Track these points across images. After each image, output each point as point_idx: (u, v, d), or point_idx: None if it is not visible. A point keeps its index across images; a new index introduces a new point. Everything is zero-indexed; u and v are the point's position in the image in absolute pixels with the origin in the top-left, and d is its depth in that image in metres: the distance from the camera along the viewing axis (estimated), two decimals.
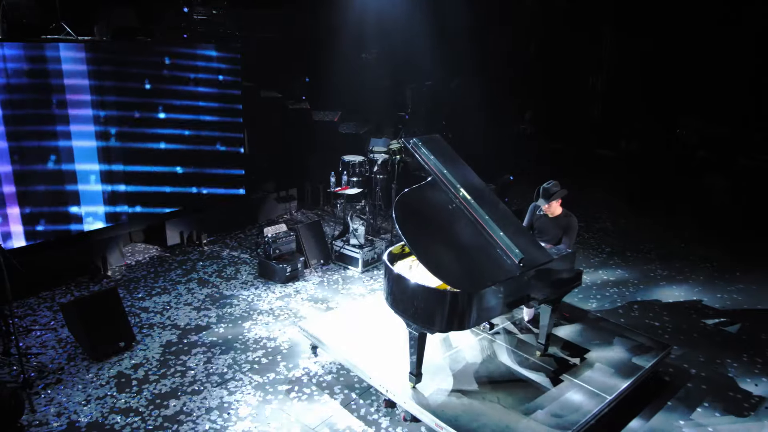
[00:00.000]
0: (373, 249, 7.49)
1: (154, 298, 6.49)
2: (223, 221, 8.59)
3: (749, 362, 5.59)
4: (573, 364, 4.84)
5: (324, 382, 5.07)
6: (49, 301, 6.34)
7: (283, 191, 9.60)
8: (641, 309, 6.65)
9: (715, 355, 5.70)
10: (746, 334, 6.15)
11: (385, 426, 4.53)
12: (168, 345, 5.57)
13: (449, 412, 4.17)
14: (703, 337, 6.06)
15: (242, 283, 6.96)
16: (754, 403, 4.96)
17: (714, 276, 7.61)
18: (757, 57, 10.98)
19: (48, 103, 6.55)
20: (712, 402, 4.96)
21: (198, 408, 4.65)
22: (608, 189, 11.49)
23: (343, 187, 7.80)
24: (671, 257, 8.18)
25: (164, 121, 7.71)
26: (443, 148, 4.83)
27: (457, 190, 4.46)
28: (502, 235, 4.22)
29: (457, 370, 4.72)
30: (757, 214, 9.64)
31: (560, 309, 5.50)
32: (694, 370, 5.44)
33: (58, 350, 5.41)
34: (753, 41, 10.95)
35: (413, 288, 4.05)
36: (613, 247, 8.60)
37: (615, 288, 7.18)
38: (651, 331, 6.06)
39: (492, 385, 4.53)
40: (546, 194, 5.35)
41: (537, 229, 5.55)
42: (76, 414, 4.53)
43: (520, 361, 4.87)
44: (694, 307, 6.75)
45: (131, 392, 4.83)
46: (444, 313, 3.93)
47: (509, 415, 4.16)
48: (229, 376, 5.10)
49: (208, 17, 9.95)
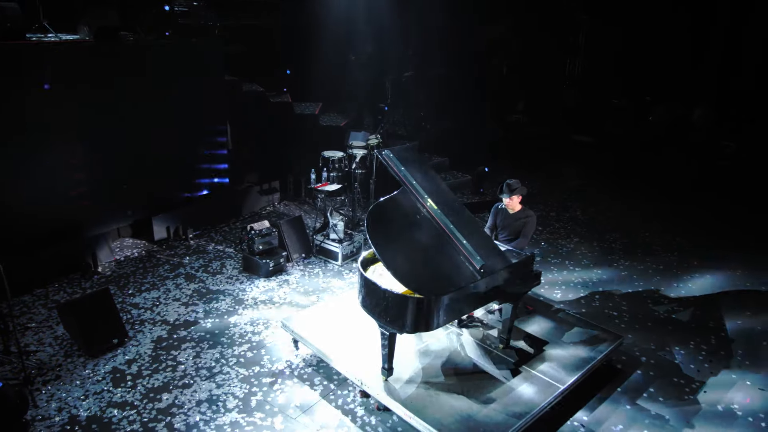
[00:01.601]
0: (351, 243, 7.88)
1: (143, 295, 6.85)
2: (208, 215, 8.91)
3: (695, 349, 6.12)
4: (532, 356, 5.31)
5: (305, 374, 5.50)
6: (44, 298, 6.68)
7: (266, 184, 9.92)
8: (602, 299, 7.14)
9: (665, 342, 6.22)
10: (695, 322, 6.67)
11: (361, 414, 4.98)
12: (159, 341, 5.95)
13: (417, 402, 4.62)
14: (656, 326, 6.57)
15: (228, 278, 7.33)
16: (694, 387, 5.48)
17: (673, 265, 8.12)
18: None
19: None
20: (658, 387, 5.47)
21: (189, 401, 5.06)
22: (583, 175, 11.97)
23: (323, 184, 8.15)
24: (635, 247, 8.68)
25: (148, 117, 7.93)
26: (414, 159, 5.19)
27: (425, 200, 4.85)
28: (465, 243, 4.62)
29: (426, 363, 5.16)
30: (725, 203, 10.27)
31: (524, 302, 5.97)
32: (645, 357, 5.95)
33: (54, 347, 5.77)
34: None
35: (383, 293, 4.45)
36: (582, 237, 9.07)
37: (579, 278, 7.66)
38: (609, 321, 6.57)
39: (457, 377, 4.98)
40: (508, 189, 5.80)
41: (499, 225, 6.00)
42: (76, 408, 4.92)
43: (484, 353, 5.33)
44: (651, 296, 7.26)
45: (126, 387, 5.23)
46: (410, 316, 4.35)
47: (471, 405, 4.62)
48: (217, 370, 5.51)
49: (189, 9, 10.14)
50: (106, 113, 7.42)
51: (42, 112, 6.82)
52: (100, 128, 7.39)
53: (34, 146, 6.82)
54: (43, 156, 6.91)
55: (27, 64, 6.74)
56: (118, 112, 7.54)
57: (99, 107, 7.35)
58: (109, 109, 7.45)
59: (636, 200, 10.68)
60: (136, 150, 7.84)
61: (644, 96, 14.16)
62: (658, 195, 10.91)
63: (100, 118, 7.38)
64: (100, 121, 7.38)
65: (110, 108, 7.46)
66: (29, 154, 6.80)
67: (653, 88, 13.66)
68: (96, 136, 7.38)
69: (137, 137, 7.81)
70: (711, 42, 12.64)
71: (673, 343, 6.21)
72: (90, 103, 7.26)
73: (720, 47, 12.58)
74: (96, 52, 7.35)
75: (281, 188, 10.12)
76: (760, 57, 12.19)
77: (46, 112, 6.85)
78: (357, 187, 8.55)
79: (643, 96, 14.14)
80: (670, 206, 10.38)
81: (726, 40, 12.53)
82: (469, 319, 5.78)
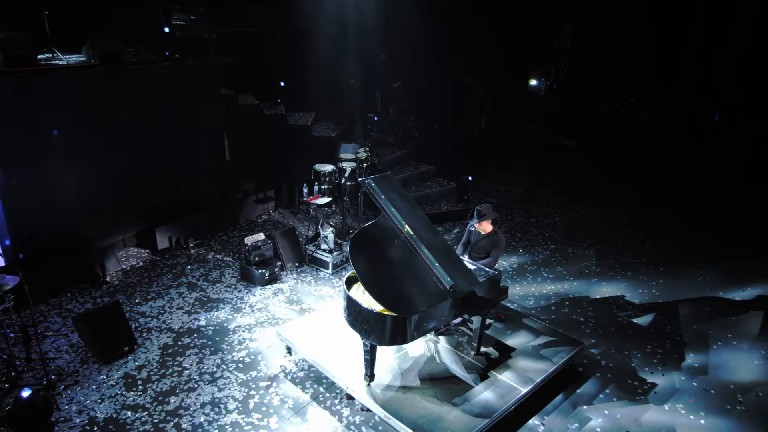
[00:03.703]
0: (341, 253, 8.49)
1: (149, 303, 7.46)
2: (207, 224, 9.50)
3: (651, 353, 6.76)
4: (500, 362, 5.95)
5: (297, 378, 6.13)
6: (58, 307, 7.28)
7: (261, 193, 10.51)
8: (572, 305, 7.77)
9: (624, 347, 6.86)
10: (654, 326, 7.32)
11: (347, 415, 5.62)
12: (165, 347, 6.57)
13: (395, 405, 5.26)
14: (618, 330, 7.21)
15: (226, 287, 7.94)
16: (646, 389, 6.13)
17: (640, 272, 8.76)
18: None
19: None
20: (614, 389, 6.12)
21: (194, 403, 5.69)
22: (564, 181, 12.59)
23: (315, 197, 8.74)
24: (606, 253, 9.32)
25: (150, 134, 8.50)
26: (393, 186, 5.79)
27: (402, 226, 5.45)
28: (437, 265, 5.24)
29: (405, 369, 5.80)
30: (700, 205, 10.95)
31: (496, 311, 6.61)
32: (605, 361, 6.59)
33: (71, 354, 6.39)
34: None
35: (364, 311, 5.08)
36: (558, 243, 9.70)
37: (552, 285, 8.29)
38: (576, 327, 7.20)
39: (432, 382, 5.62)
40: (479, 215, 6.39)
41: (471, 243, 6.61)
42: (94, 411, 5.54)
43: (457, 359, 5.97)
44: (617, 302, 7.90)
45: (138, 391, 5.85)
46: (388, 332, 4.99)
47: (442, 407, 5.26)
48: (219, 375, 6.14)
49: (187, 23, 10.67)
50: (109, 132, 8.00)
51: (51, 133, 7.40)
52: (104, 146, 7.98)
53: (47, 164, 7.40)
54: (55, 173, 7.49)
55: (43, 89, 7.27)
56: (122, 129, 8.12)
57: (104, 126, 7.93)
58: (114, 126, 8.03)
59: (612, 205, 11.31)
60: (138, 164, 8.41)
61: (628, 99, 14.81)
62: (635, 198, 11.58)
63: (105, 136, 7.96)
64: (105, 140, 7.97)
65: (115, 125, 8.03)
66: (43, 170, 7.38)
67: (636, 92, 14.33)
68: (100, 155, 7.97)
69: (140, 153, 8.39)
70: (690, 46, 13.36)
71: (631, 347, 6.85)
72: (97, 123, 7.84)
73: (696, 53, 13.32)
74: (101, 74, 7.88)
75: (276, 197, 10.70)
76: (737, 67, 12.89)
77: (60, 132, 7.44)
78: (347, 200, 9.15)
79: (627, 99, 14.80)
80: (645, 209, 11.04)
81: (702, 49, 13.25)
82: (445, 327, 6.41)
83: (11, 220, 7.14)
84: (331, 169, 9.02)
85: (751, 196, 11.48)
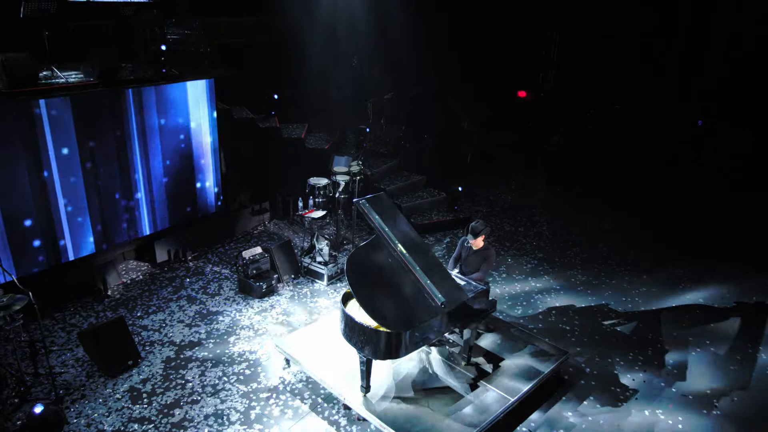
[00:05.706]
0: (336, 265, 8.77)
1: (151, 317, 7.70)
2: (204, 237, 9.75)
3: (633, 360, 7.09)
4: (488, 371, 6.25)
5: (296, 389, 6.41)
6: (62, 322, 7.51)
7: (256, 205, 10.76)
8: (558, 314, 8.09)
9: (608, 354, 7.19)
10: (636, 334, 7.65)
11: (344, 425, 5.90)
12: (168, 361, 6.82)
13: (390, 415, 5.55)
14: (602, 339, 7.54)
15: (225, 299, 8.20)
16: (628, 395, 6.46)
17: (624, 280, 9.10)
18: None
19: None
20: (598, 395, 6.44)
21: (198, 415, 5.95)
22: (553, 188, 12.95)
23: (309, 210, 9.01)
24: (592, 261, 9.66)
25: (148, 149, 8.75)
26: (386, 207, 6.08)
27: (395, 245, 5.74)
28: (429, 282, 5.54)
29: (399, 379, 6.10)
30: (684, 212, 11.33)
31: (486, 322, 6.91)
32: (589, 368, 6.92)
33: (77, 368, 6.62)
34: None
35: (359, 326, 5.38)
36: (545, 252, 10.03)
37: (540, 294, 8.61)
38: (561, 335, 7.52)
39: (425, 392, 5.92)
40: (473, 232, 6.67)
41: (463, 257, 6.90)
42: (102, 424, 5.79)
43: (448, 370, 6.27)
44: (601, 310, 8.23)
45: (143, 403, 6.10)
46: (382, 347, 5.28)
47: (435, 417, 5.56)
48: (220, 387, 6.40)
49: (181, 37, 10.89)
50: (111, 148, 8.25)
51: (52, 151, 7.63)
52: (105, 161, 8.21)
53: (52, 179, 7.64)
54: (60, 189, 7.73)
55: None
56: (121, 145, 8.36)
57: (104, 142, 8.16)
58: (113, 143, 8.27)
59: (599, 211, 11.67)
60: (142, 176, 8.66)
61: (614, 104, 15.21)
62: (621, 204, 11.96)
63: (106, 152, 8.20)
64: (106, 155, 8.20)
65: (114, 142, 8.27)
66: (49, 185, 7.62)
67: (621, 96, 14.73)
68: (101, 169, 8.20)
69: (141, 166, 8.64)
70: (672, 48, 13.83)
71: (615, 354, 7.18)
72: (98, 139, 8.07)
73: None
74: (100, 92, 8.10)
75: (271, 208, 10.95)
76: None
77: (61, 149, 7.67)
78: (341, 213, 9.42)
79: (612, 104, 15.20)
80: (631, 216, 11.40)
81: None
82: (438, 340, 6.70)
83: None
84: (326, 182, 9.28)
85: (736, 203, 11.92)
